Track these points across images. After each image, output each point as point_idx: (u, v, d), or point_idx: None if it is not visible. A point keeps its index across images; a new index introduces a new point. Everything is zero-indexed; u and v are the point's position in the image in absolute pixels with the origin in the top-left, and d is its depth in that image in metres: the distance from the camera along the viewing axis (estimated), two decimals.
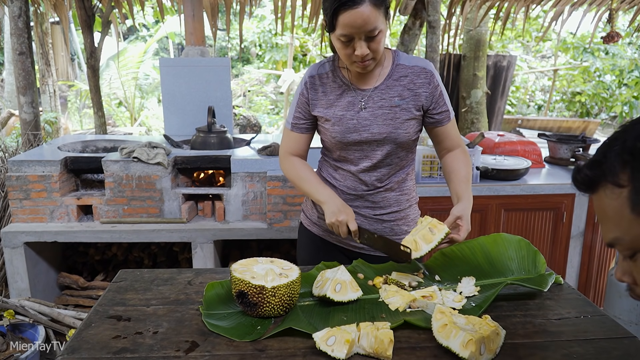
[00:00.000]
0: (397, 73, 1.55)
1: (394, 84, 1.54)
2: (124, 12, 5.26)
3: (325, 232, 1.72)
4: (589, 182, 0.70)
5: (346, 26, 1.36)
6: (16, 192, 2.71)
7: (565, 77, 11.16)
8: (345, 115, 1.55)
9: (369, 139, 1.55)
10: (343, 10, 1.34)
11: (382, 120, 1.54)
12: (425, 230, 1.39)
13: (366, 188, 1.63)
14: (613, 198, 0.67)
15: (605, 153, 0.68)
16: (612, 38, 5.01)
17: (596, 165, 0.69)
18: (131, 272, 1.49)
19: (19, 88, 3.80)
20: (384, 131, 1.54)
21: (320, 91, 1.58)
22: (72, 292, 2.90)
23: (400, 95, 1.54)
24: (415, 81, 1.54)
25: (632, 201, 0.64)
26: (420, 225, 1.43)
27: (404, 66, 1.55)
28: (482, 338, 1.06)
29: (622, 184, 0.65)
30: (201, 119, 3.34)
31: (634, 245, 0.67)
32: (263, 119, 9.91)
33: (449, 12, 5.43)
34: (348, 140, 1.56)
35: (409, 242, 1.38)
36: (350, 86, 1.55)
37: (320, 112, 1.58)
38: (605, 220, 0.70)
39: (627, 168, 0.65)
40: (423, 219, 1.44)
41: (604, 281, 2.92)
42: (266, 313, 1.20)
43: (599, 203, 0.70)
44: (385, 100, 1.54)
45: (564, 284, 1.43)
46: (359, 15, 1.34)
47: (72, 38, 9.96)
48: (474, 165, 2.68)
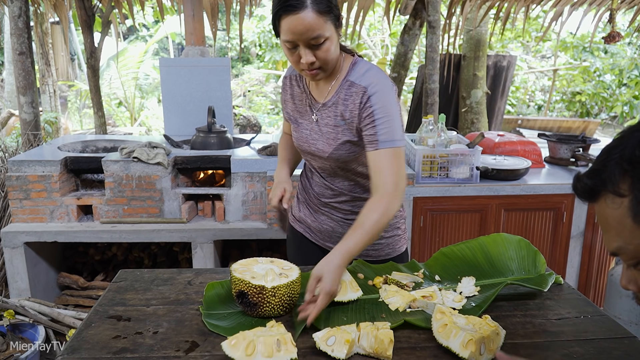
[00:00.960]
0: (344, 90, 1.44)
1: (339, 102, 1.45)
2: (124, 12, 5.26)
3: (306, 231, 1.73)
4: (589, 192, 0.70)
5: (287, 32, 1.32)
6: (16, 192, 2.71)
7: (565, 77, 11.16)
8: (303, 124, 1.56)
9: (315, 153, 1.54)
10: (285, 15, 1.30)
11: (325, 139, 1.49)
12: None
13: (331, 193, 1.61)
14: (614, 208, 0.66)
15: (604, 162, 0.67)
16: (613, 38, 5.01)
17: (596, 174, 0.68)
18: (131, 272, 1.49)
19: (19, 88, 3.80)
20: (327, 150, 1.49)
21: (289, 93, 1.60)
22: (72, 292, 2.90)
23: (342, 116, 1.45)
24: (355, 101, 1.41)
25: (634, 211, 0.64)
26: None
27: (352, 84, 1.43)
28: (482, 338, 1.06)
29: (623, 193, 0.65)
30: (201, 119, 3.34)
31: (638, 254, 0.67)
32: (263, 119, 9.91)
33: (449, 12, 5.43)
34: (302, 148, 1.58)
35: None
36: (308, 95, 1.54)
37: (287, 113, 1.62)
38: (608, 229, 0.69)
39: (627, 177, 0.64)
40: None
41: (604, 281, 2.92)
42: (266, 313, 1.20)
43: (600, 212, 0.69)
44: (330, 118, 1.48)
45: (564, 284, 1.43)
46: (300, 22, 1.29)
47: (72, 38, 9.96)
48: (474, 165, 2.68)
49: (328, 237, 1.68)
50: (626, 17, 9.06)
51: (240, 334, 1.05)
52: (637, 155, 0.64)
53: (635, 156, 0.64)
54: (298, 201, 1.76)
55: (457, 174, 2.71)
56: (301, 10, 1.28)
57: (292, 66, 1.50)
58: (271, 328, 1.10)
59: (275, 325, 1.11)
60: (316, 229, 1.69)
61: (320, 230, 1.68)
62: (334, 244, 1.49)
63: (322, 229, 1.68)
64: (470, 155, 2.69)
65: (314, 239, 1.72)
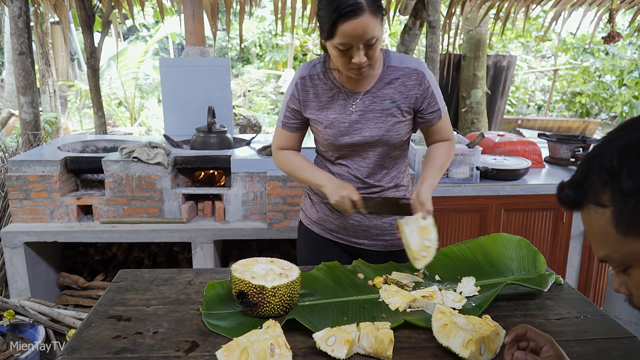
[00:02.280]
0: (388, 75, 1.53)
1: (385, 86, 1.53)
2: (124, 12, 5.26)
3: (325, 231, 1.72)
4: (572, 202, 0.70)
5: (346, 36, 1.34)
6: (16, 192, 2.71)
7: (565, 77, 11.16)
8: (337, 118, 1.55)
9: (360, 142, 1.56)
10: (343, 20, 1.32)
11: (373, 124, 1.54)
12: (421, 233, 1.40)
13: (363, 185, 1.63)
14: (598, 218, 0.67)
15: (585, 172, 0.68)
16: (612, 38, 5.01)
17: (578, 185, 0.69)
18: (131, 272, 1.49)
19: (19, 88, 3.80)
20: (376, 134, 1.54)
21: (312, 93, 1.57)
22: (72, 292, 2.90)
23: (391, 98, 1.53)
24: (406, 83, 1.53)
25: (616, 221, 0.65)
26: (415, 222, 1.42)
27: (395, 68, 1.53)
28: (482, 338, 1.06)
29: (605, 204, 0.65)
30: (201, 119, 3.34)
31: (623, 262, 0.68)
32: (263, 119, 9.91)
33: (449, 12, 5.43)
34: (340, 143, 1.56)
35: (420, 247, 1.38)
36: (342, 89, 1.54)
37: (312, 114, 1.58)
38: (594, 238, 0.70)
39: (607, 188, 0.65)
40: (415, 219, 1.42)
41: (604, 281, 2.92)
42: (266, 313, 1.20)
43: (585, 221, 0.70)
44: (377, 103, 1.53)
45: (564, 284, 1.43)
46: (359, 25, 1.32)
47: (72, 38, 9.95)
48: (474, 165, 2.68)
49: (353, 232, 1.67)
50: (626, 17, 9.06)
51: (234, 342, 1.05)
52: (615, 166, 0.64)
53: (614, 167, 0.64)
54: (312, 203, 1.74)
55: (457, 174, 2.71)
56: (361, 15, 1.31)
57: (339, 66, 1.45)
58: (267, 329, 1.10)
59: (272, 325, 1.11)
60: (339, 226, 1.68)
61: (345, 227, 1.68)
62: (360, 239, 1.65)
63: (347, 225, 1.67)
64: (470, 155, 2.69)
65: (336, 238, 1.71)
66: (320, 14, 1.38)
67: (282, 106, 1.64)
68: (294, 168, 1.63)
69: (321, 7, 1.37)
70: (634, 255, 0.66)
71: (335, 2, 1.32)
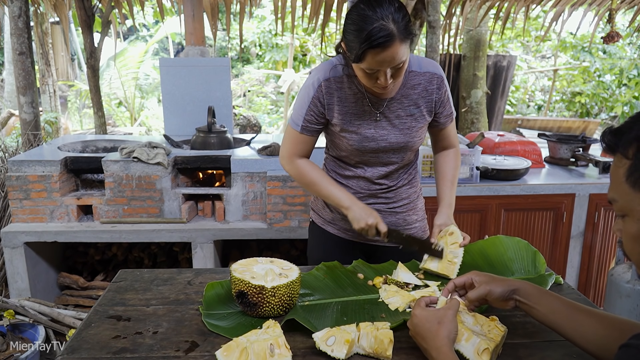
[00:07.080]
0: (410, 81, 1.53)
1: (409, 92, 1.54)
2: (124, 12, 5.26)
3: (341, 230, 1.71)
4: (609, 146, 0.82)
5: (374, 63, 1.32)
6: (16, 192, 2.71)
7: (565, 77, 11.16)
8: (362, 124, 1.54)
9: (386, 148, 1.57)
10: (374, 51, 1.29)
11: (399, 130, 1.55)
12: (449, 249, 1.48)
13: (378, 187, 1.65)
14: (619, 165, 0.79)
15: (629, 126, 0.79)
16: (612, 38, 5.01)
17: (618, 133, 0.80)
18: (131, 272, 1.49)
19: (19, 88, 3.80)
20: (402, 140, 1.56)
21: (336, 96, 1.52)
22: (72, 292, 2.90)
23: (415, 104, 1.55)
24: (428, 88, 1.54)
25: (628, 172, 0.77)
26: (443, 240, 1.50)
27: (417, 73, 1.54)
28: (496, 347, 1.04)
29: (628, 156, 0.78)
30: (201, 119, 3.34)
31: (624, 209, 0.80)
32: (263, 119, 9.91)
33: (448, 12, 5.43)
34: (366, 148, 1.56)
35: (445, 264, 1.45)
36: (366, 94, 1.52)
37: (336, 118, 1.54)
38: (611, 180, 0.82)
39: (634, 144, 0.77)
40: (444, 235, 1.51)
41: (604, 281, 2.92)
42: (266, 313, 1.20)
43: (612, 164, 0.82)
44: (402, 109, 1.54)
45: (564, 284, 1.43)
46: (389, 54, 1.31)
47: (72, 38, 9.95)
48: (474, 165, 2.68)
49: None
50: (626, 17, 9.06)
51: (234, 342, 1.05)
52: None
53: None
54: (325, 203, 1.71)
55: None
56: (391, 46, 1.30)
57: (364, 84, 1.45)
58: (267, 329, 1.10)
59: (272, 325, 1.11)
60: None
61: None
62: (375, 236, 1.59)
63: None
64: (470, 155, 2.69)
65: (352, 237, 1.71)
66: (349, 37, 1.34)
67: (299, 109, 1.56)
68: (312, 182, 1.59)
69: (349, 31, 1.33)
70: (632, 206, 0.78)
71: (366, 32, 1.28)
